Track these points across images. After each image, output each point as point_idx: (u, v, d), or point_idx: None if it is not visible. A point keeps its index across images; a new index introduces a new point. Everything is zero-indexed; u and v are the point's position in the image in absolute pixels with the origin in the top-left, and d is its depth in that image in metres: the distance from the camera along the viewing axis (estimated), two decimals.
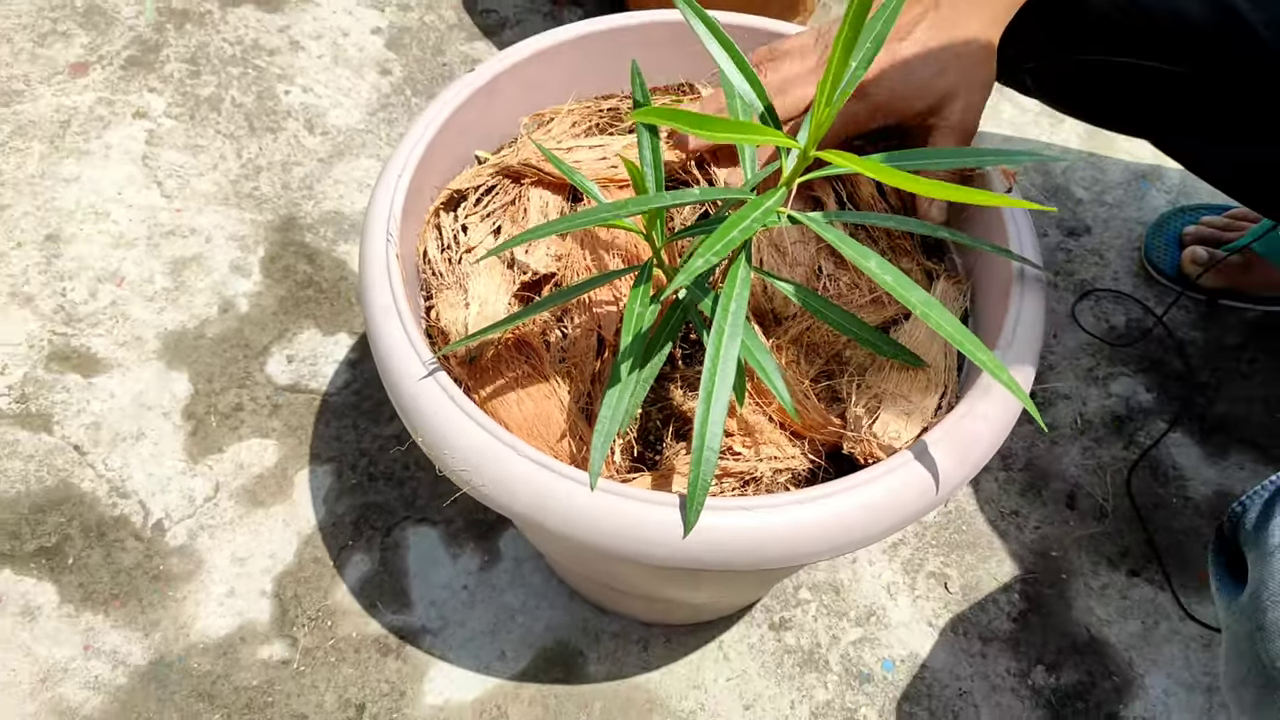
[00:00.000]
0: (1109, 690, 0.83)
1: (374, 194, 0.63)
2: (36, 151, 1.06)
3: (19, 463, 0.88)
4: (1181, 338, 1.01)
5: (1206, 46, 0.70)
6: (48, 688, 0.79)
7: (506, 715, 0.79)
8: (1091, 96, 0.82)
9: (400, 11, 1.22)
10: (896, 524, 0.55)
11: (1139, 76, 0.76)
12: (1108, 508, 0.91)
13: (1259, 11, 0.67)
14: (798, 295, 0.58)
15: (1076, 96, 0.82)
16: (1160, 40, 0.73)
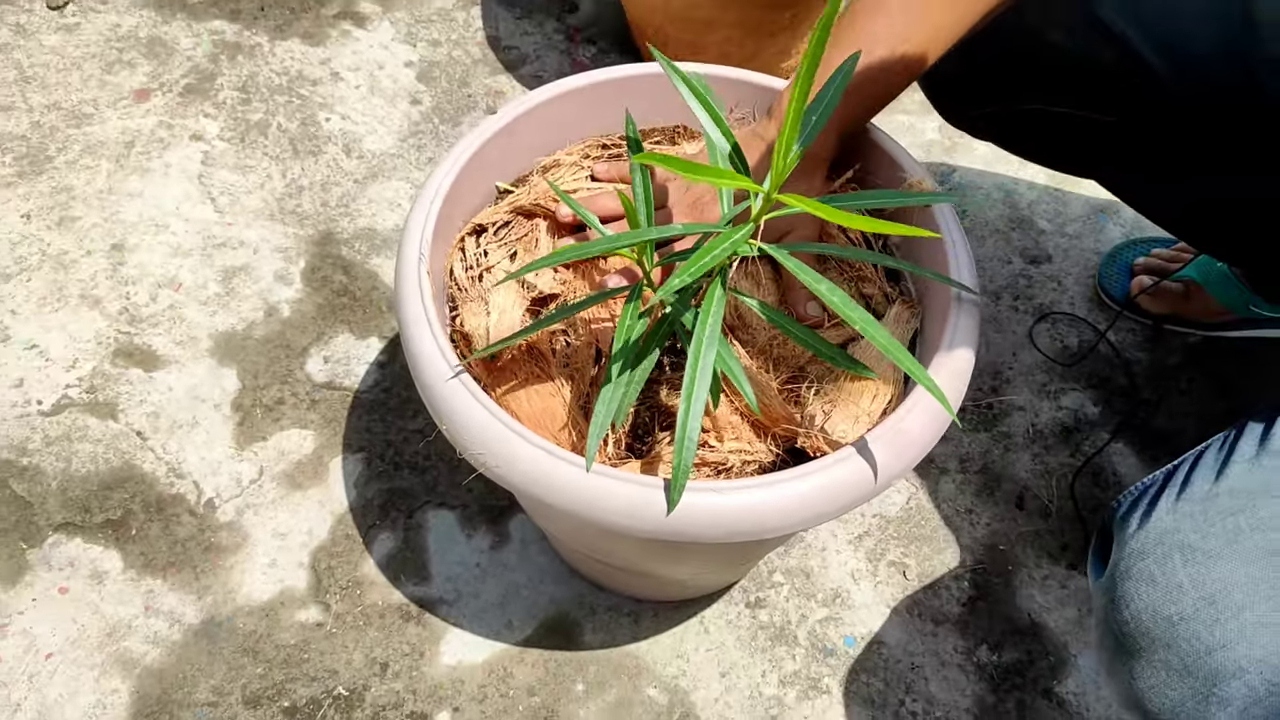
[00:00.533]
0: (1045, 668, 0.93)
1: (408, 220, 0.74)
2: (104, 169, 1.18)
3: (88, 445, 1.00)
4: (1128, 358, 1.12)
5: (1121, 93, 0.81)
6: (113, 641, 0.90)
7: (512, 675, 0.91)
8: (1035, 142, 0.93)
9: (430, 47, 1.34)
10: (841, 507, 0.66)
11: (1075, 123, 0.87)
12: (1052, 508, 1.02)
13: (1159, 56, 0.78)
14: (765, 313, 0.69)
15: (1023, 142, 0.93)
16: (1086, 90, 0.84)
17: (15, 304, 1.08)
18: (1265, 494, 0.64)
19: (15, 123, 1.21)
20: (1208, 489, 0.66)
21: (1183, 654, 0.60)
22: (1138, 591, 0.63)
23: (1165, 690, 0.61)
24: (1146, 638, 0.62)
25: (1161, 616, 0.61)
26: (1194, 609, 0.60)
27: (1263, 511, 0.62)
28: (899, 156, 0.80)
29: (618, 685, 0.91)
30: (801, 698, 0.91)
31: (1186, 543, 0.63)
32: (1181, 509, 0.65)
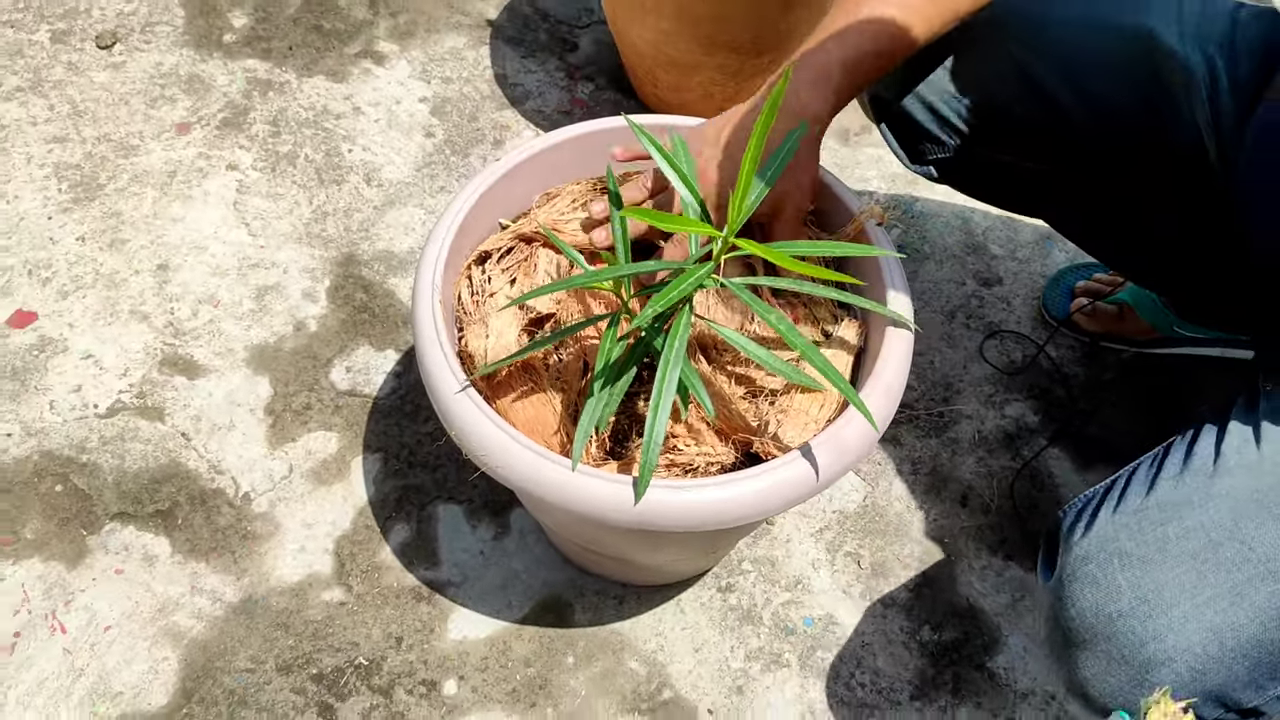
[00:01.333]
0: (979, 646, 1.06)
1: (423, 254, 0.87)
2: (150, 196, 1.32)
3: (139, 445, 1.13)
4: (1066, 372, 1.24)
5: (1052, 146, 0.93)
6: (164, 616, 1.03)
7: (511, 649, 1.04)
8: (982, 186, 1.05)
9: (443, 84, 1.47)
10: (787, 502, 0.79)
11: (1017, 171, 0.99)
12: (993, 506, 1.15)
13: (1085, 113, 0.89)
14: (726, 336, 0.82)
15: (972, 186, 1.05)
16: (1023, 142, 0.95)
17: (73, 318, 1.21)
18: (1188, 506, 0.73)
19: (70, 153, 1.35)
20: (1140, 502, 0.75)
21: (1120, 645, 0.70)
22: (1083, 592, 0.73)
23: (1105, 677, 0.71)
24: (1090, 632, 0.71)
25: (1103, 614, 0.71)
26: (1130, 607, 0.70)
27: (1187, 521, 0.72)
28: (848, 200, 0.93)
29: (604, 658, 1.03)
30: (765, 670, 1.03)
31: (1124, 550, 0.73)
32: (1118, 520, 0.75)
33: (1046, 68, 0.90)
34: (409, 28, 1.54)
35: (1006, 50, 0.91)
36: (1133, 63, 0.87)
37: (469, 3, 1.58)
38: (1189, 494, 0.74)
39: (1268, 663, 0.68)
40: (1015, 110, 0.93)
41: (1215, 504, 0.72)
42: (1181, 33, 0.85)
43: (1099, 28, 0.88)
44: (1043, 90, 0.91)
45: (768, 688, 1.02)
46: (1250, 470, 0.73)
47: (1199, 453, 0.77)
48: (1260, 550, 0.69)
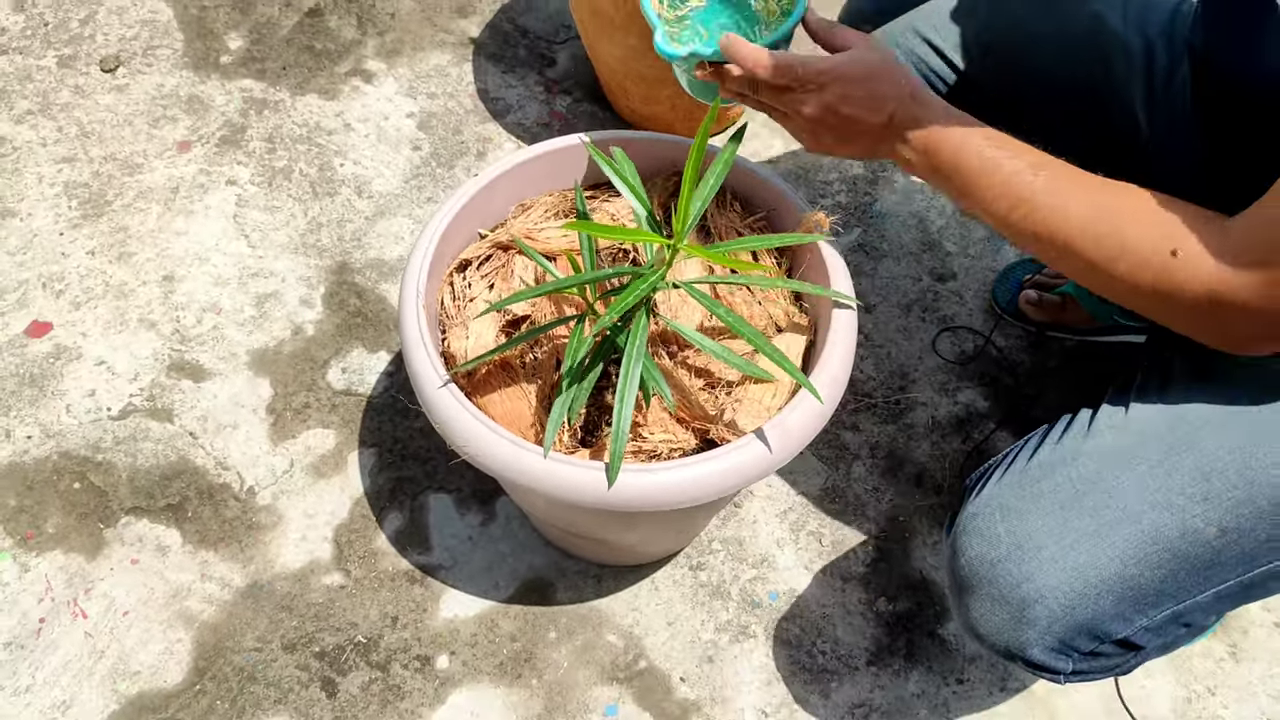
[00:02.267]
0: (931, 615, 1.15)
1: (408, 264, 0.96)
2: (155, 211, 1.40)
3: (150, 444, 1.22)
4: (1014, 360, 1.33)
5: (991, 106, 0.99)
6: (177, 601, 1.12)
7: (498, 626, 1.12)
8: None
9: (429, 99, 1.56)
10: (741, 482, 0.87)
11: None
12: (945, 486, 1.23)
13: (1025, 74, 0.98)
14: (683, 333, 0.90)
15: None
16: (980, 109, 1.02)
17: (86, 327, 1.30)
18: (1061, 464, 0.82)
19: (79, 172, 1.43)
20: (1024, 465, 0.85)
21: (1000, 587, 0.78)
22: (970, 543, 0.82)
23: (990, 617, 0.79)
24: (976, 577, 0.80)
25: (985, 560, 0.80)
26: (1007, 553, 0.79)
27: (1058, 477, 0.81)
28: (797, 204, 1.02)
29: (584, 633, 1.12)
30: (733, 641, 1.12)
31: (1005, 504, 0.81)
32: (1004, 480, 0.84)
33: (1006, 42, 0.99)
34: (396, 46, 1.62)
35: (972, 26, 1.00)
36: (1079, 43, 0.96)
37: (452, 21, 1.66)
38: (1063, 454, 0.82)
39: (1130, 597, 0.76)
40: (978, 80, 1.02)
41: (1083, 460, 0.81)
42: (1125, 17, 0.94)
43: (1053, 8, 0.97)
44: (1002, 63, 1.00)
45: (736, 657, 1.11)
46: (1117, 431, 0.82)
47: (1077, 422, 0.86)
48: (1119, 498, 0.77)
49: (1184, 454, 0.78)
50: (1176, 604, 0.78)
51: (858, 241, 1.44)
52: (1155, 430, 0.81)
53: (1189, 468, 0.78)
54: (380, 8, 1.67)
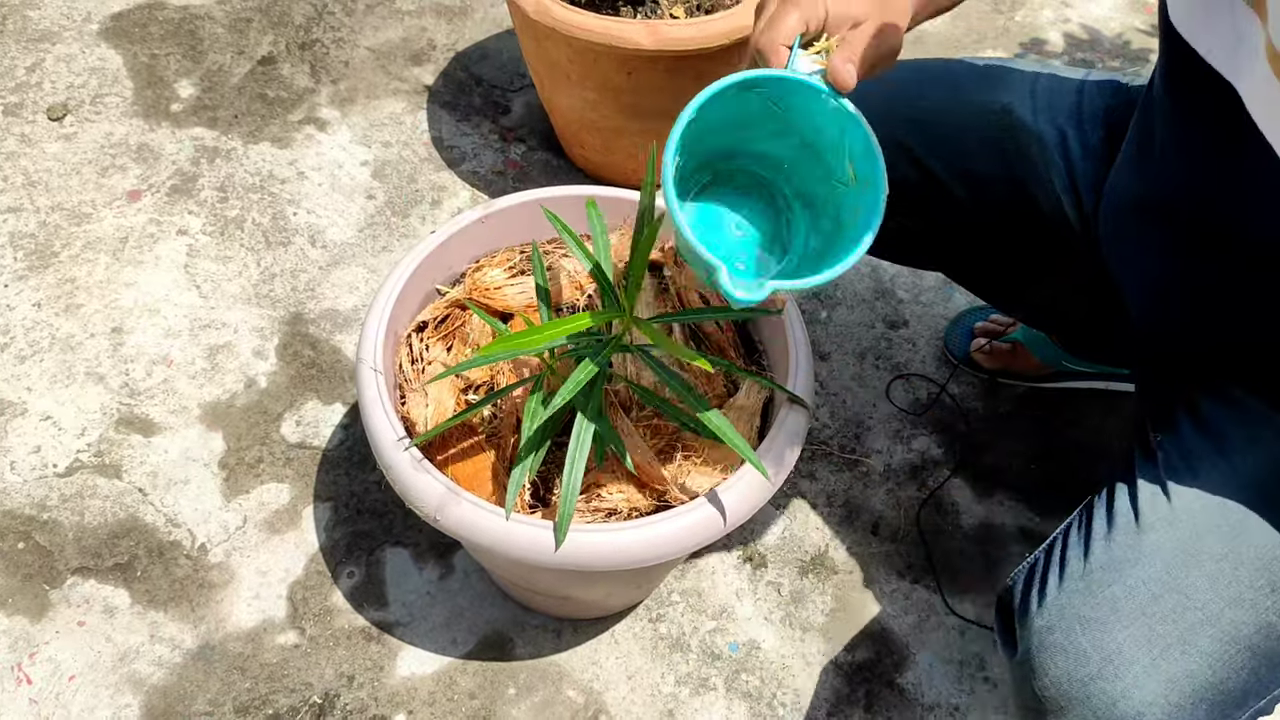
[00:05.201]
0: (889, 664, 1.15)
1: (364, 326, 0.95)
2: (103, 262, 1.38)
3: (98, 501, 1.20)
4: (966, 407, 1.35)
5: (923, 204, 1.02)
6: (125, 664, 1.10)
7: (456, 683, 1.11)
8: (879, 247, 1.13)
9: (383, 148, 1.56)
10: (695, 543, 0.88)
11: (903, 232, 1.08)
12: (901, 534, 1.25)
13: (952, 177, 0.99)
14: (641, 396, 0.91)
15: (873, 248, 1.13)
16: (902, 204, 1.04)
17: (31, 381, 1.27)
18: (1126, 564, 0.77)
19: (24, 222, 1.41)
20: (1082, 567, 0.79)
21: (1095, 708, 0.73)
22: (1053, 661, 0.76)
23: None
24: (1065, 698, 0.74)
25: (1075, 679, 0.74)
26: (1099, 669, 0.73)
27: (1129, 580, 0.76)
28: None
29: (543, 689, 1.11)
30: (694, 694, 1.12)
31: (1081, 615, 0.76)
32: (1068, 586, 0.79)
33: (923, 143, 0.99)
34: (349, 94, 1.62)
35: (890, 129, 1.01)
36: (995, 136, 0.98)
37: (406, 69, 1.66)
38: (1123, 553, 0.78)
39: (1221, 702, 0.74)
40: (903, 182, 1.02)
41: (1147, 560, 0.77)
42: (1035, 107, 0.96)
43: (964, 105, 0.99)
44: (923, 164, 1.00)
45: (696, 710, 1.11)
46: (1168, 524, 0.78)
47: (1119, 511, 0.81)
48: (1195, 598, 0.74)
49: (1242, 543, 0.77)
50: (1259, 700, 0.76)
51: (812, 290, 1.45)
52: (1207, 520, 0.78)
53: (1251, 559, 0.76)
54: (334, 55, 1.67)
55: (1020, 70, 1.00)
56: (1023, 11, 1.88)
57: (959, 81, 1.00)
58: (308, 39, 1.68)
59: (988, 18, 1.87)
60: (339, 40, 1.69)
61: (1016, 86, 0.98)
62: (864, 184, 0.76)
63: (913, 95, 1.00)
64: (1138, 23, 1.89)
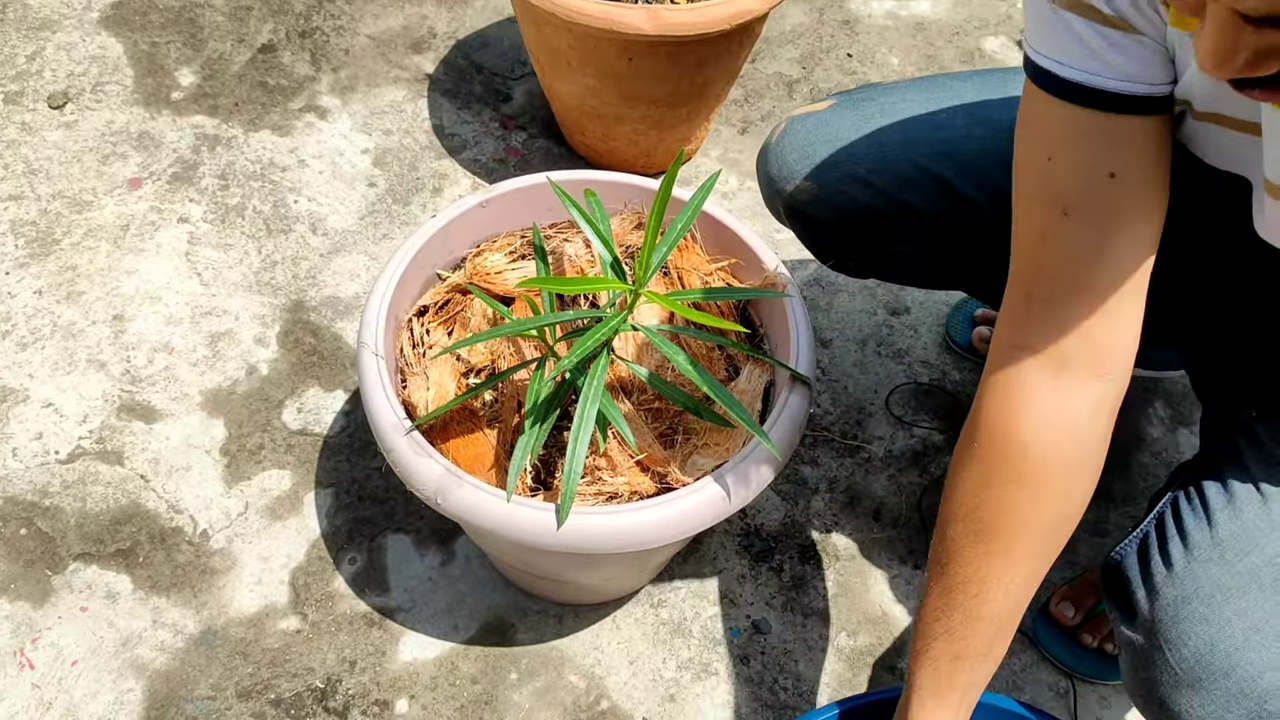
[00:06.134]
0: (891, 650, 1.15)
1: (365, 310, 0.95)
2: (104, 250, 1.38)
3: (100, 488, 1.20)
4: (969, 394, 1.35)
5: (959, 232, 0.99)
6: (127, 649, 1.10)
7: (458, 668, 1.11)
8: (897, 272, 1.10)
9: (384, 136, 1.55)
10: (698, 525, 0.88)
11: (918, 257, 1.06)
12: (902, 519, 1.24)
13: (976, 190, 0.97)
14: (644, 377, 0.90)
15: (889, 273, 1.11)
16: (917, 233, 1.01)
17: (33, 369, 1.27)
18: (1260, 534, 0.74)
19: (25, 210, 1.41)
20: (1209, 537, 0.76)
21: (1240, 679, 0.70)
22: (1194, 630, 0.72)
23: (1224, 714, 0.70)
24: (1207, 670, 0.71)
25: (1220, 649, 0.71)
26: (1245, 639, 0.70)
27: (1267, 550, 0.74)
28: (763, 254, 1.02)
29: (545, 674, 1.11)
30: (695, 679, 1.12)
31: (1221, 584, 0.73)
32: (1198, 556, 0.75)
33: (955, 170, 0.96)
34: (350, 82, 1.62)
35: (918, 162, 0.97)
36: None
37: (407, 57, 1.66)
38: (1254, 523, 0.75)
39: None
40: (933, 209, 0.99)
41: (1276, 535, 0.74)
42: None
43: (984, 125, 0.96)
44: (957, 191, 0.97)
45: (698, 695, 1.11)
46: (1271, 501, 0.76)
47: (1235, 488, 0.78)
48: None
49: None
50: None
51: (813, 276, 1.45)
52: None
53: None
54: (334, 44, 1.66)
55: None
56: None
57: (974, 104, 0.99)
58: (308, 27, 1.68)
59: (990, 4, 1.86)
60: (339, 28, 1.69)
61: None
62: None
63: (931, 125, 0.98)
64: None
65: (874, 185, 0.98)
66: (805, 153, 1.01)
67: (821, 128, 1.02)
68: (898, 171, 0.98)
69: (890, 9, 1.84)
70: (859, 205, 0.99)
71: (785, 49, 1.75)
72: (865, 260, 1.08)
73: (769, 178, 1.05)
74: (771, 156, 1.05)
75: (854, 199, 0.99)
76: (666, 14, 1.24)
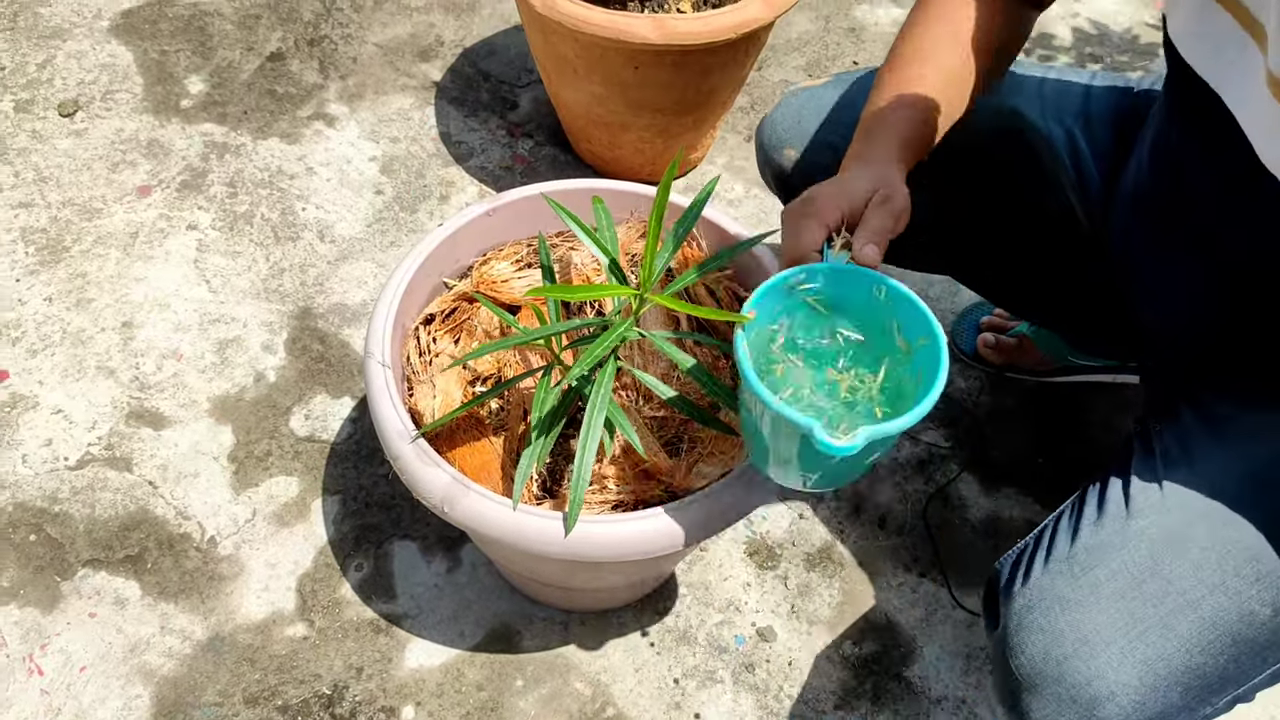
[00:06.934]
0: (897, 657, 1.16)
1: (372, 319, 0.95)
2: (114, 257, 1.39)
3: (109, 494, 1.20)
4: (974, 402, 1.35)
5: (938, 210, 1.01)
6: (135, 655, 1.10)
7: (464, 675, 1.11)
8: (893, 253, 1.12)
9: (391, 143, 1.56)
10: (704, 533, 0.88)
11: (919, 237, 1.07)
12: (907, 527, 1.25)
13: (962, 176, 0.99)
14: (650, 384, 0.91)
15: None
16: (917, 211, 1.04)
17: (42, 375, 1.28)
18: (1111, 548, 0.78)
19: (36, 217, 1.42)
20: (1068, 550, 0.80)
21: (1069, 686, 0.74)
22: (1030, 639, 0.77)
23: (1057, 717, 0.75)
24: (1040, 675, 0.75)
25: (1050, 658, 0.75)
26: (1074, 649, 0.74)
27: (1112, 563, 0.77)
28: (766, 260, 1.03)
29: (551, 681, 1.12)
30: (700, 687, 1.12)
31: (1061, 595, 0.77)
32: (1052, 568, 0.80)
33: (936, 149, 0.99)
34: (358, 90, 1.62)
35: None
36: (1005, 138, 0.98)
37: (414, 65, 1.67)
38: (1109, 537, 0.79)
39: (1197, 687, 0.74)
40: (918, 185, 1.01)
41: (1133, 545, 0.78)
42: (1043, 109, 0.96)
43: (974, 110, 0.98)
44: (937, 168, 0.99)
45: (703, 702, 1.11)
46: (1158, 511, 0.79)
47: (1111, 498, 0.82)
48: (1178, 584, 0.75)
49: (1230, 533, 0.77)
50: (1238, 688, 0.77)
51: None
52: (1198, 508, 0.79)
53: (1240, 548, 0.76)
54: (342, 51, 1.67)
55: (1027, 74, 1.00)
56: None
57: None
58: (316, 35, 1.69)
59: None
60: (347, 36, 1.69)
61: (1024, 89, 0.98)
62: (918, 348, 0.78)
63: None
64: (1147, 17, 1.88)
65: None
66: (794, 122, 1.05)
67: (813, 100, 1.05)
68: None
69: (897, 17, 1.84)
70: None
71: (791, 57, 1.76)
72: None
73: (761, 145, 1.09)
74: (766, 126, 1.09)
75: (829, 169, 1.00)
76: (673, 23, 1.24)
